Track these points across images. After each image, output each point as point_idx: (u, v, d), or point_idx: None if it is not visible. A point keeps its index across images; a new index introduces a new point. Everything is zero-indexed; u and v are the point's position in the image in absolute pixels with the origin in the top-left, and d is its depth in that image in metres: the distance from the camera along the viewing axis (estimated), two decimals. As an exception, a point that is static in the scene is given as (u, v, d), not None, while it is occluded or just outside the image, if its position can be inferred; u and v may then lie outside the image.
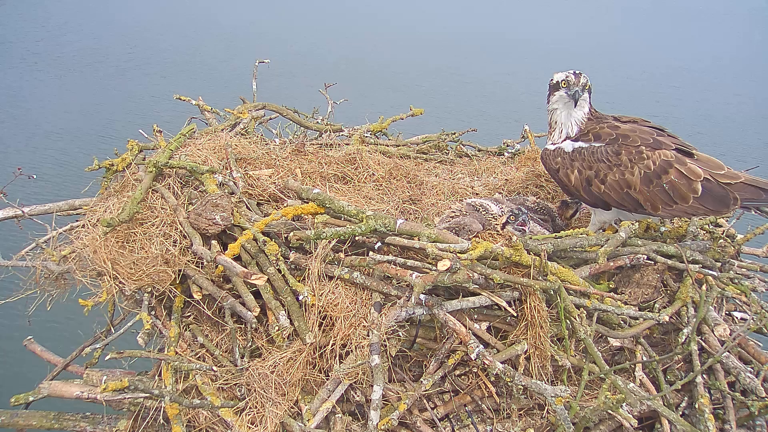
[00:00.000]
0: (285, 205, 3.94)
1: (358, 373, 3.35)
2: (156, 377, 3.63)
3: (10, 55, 17.69)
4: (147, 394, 3.38)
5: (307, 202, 3.84)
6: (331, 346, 3.42)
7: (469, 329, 3.36)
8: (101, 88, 15.94)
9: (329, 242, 3.57)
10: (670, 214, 3.61)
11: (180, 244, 3.72)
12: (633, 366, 3.63)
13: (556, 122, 3.82)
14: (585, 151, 3.62)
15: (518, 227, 3.75)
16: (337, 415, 3.43)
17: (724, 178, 3.53)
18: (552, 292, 3.35)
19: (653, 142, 3.59)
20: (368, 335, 3.32)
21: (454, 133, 5.87)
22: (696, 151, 3.67)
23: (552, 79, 3.77)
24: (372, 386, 3.18)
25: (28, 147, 12.84)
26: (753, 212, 3.69)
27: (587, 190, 3.64)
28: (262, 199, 4.17)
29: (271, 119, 5.62)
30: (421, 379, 3.46)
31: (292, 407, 3.43)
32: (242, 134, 5.00)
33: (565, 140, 3.74)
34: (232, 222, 3.74)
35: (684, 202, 3.49)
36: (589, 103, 3.78)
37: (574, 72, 3.66)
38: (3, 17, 21.46)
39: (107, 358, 3.35)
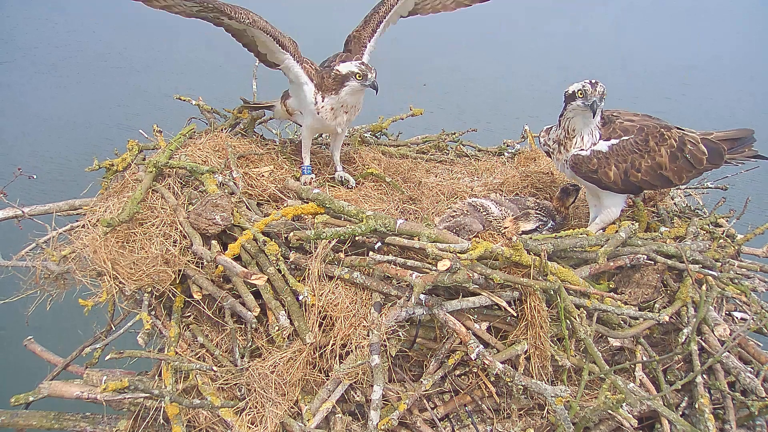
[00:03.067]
0: (285, 205, 3.95)
1: (358, 373, 3.35)
2: (156, 377, 3.63)
3: (9, 56, 17.69)
4: (147, 394, 3.38)
5: (307, 202, 3.85)
6: (331, 346, 3.42)
7: (469, 329, 3.36)
8: (101, 88, 15.92)
9: (329, 242, 3.57)
10: (689, 178, 4.01)
11: (180, 244, 3.72)
12: (633, 366, 3.63)
13: (574, 130, 3.84)
14: (617, 147, 3.82)
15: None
16: (337, 415, 3.43)
17: (708, 136, 4.00)
18: (552, 292, 3.35)
19: (664, 125, 3.91)
20: (368, 335, 3.32)
21: (454, 133, 5.87)
22: None
23: (567, 90, 3.79)
24: (372, 386, 3.18)
25: (28, 147, 12.84)
26: (734, 164, 4.17)
27: (625, 181, 3.84)
28: (262, 199, 4.17)
29: (270, 119, 5.61)
30: (421, 379, 3.46)
31: (292, 407, 3.43)
32: (242, 134, 5.00)
33: (596, 143, 3.84)
34: (232, 222, 3.74)
35: (700, 165, 3.91)
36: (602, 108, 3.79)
37: (590, 81, 3.68)
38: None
39: (107, 358, 3.35)
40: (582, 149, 3.85)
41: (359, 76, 4.18)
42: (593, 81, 3.69)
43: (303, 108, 4.52)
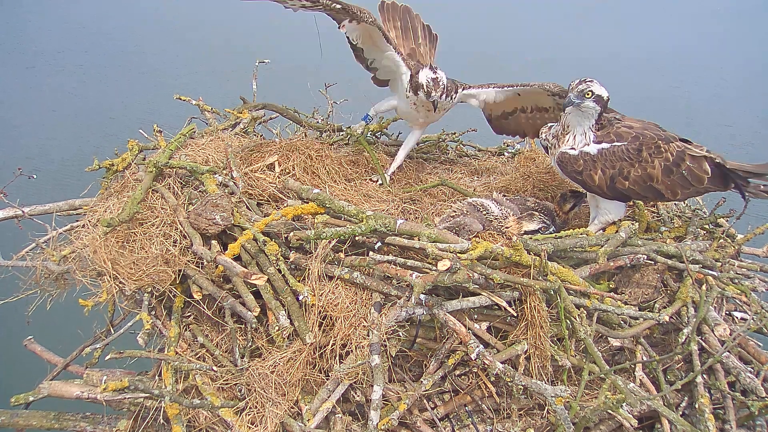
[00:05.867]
0: (285, 205, 3.95)
1: (358, 373, 3.35)
2: (156, 377, 3.64)
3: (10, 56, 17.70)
4: (147, 394, 3.38)
5: (307, 202, 3.84)
6: (331, 346, 3.42)
7: (469, 329, 3.36)
8: (100, 88, 15.93)
9: (329, 242, 3.57)
10: (687, 196, 3.90)
11: (180, 244, 3.72)
12: (633, 366, 3.63)
13: (569, 126, 3.84)
14: (607, 152, 3.75)
15: None
16: (337, 415, 3.43)
17: (717, 158, 3.83)
18: (552, 292, 3.35)
19: (664, 137, 3.80)
20: (368, 335, 3.32)
21: (455, 133, 5.86)
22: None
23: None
24: (372, 386, 3.18)
25: (28, 147, 12.84)
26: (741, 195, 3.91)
27: (611, 187, 3.78)
28: (262, 199, 4.17)
29: (271, 119, 5.61)
30: (421, 379, 3.46)
31: (292, 407, 3.43)
32: (242, 134, 5.00)
33: (588, 144, 3.81)
34: (232, 222, 3.74)
35: (699, 183, 3.78)
36: (600, 110, 3.76)
37: (582, 79, 3.68)
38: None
39: (107, 358, 3.35)
40: (572, 147, 3.85)
41: (425, 91, 4.30)
42: (586, 79, 3.68)
43: (396, 90, 4.76)
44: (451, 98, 4.45)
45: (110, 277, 3.58)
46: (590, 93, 3.65)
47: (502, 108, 4.86)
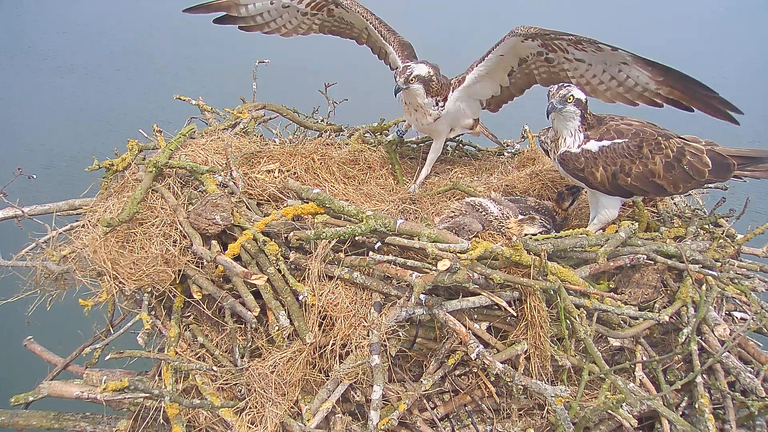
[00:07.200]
0: (285, 205, 3.95)
1: (358, 373, 3.35)
2: (156, 377, 3.64)
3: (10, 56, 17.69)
4: (147, 394, 3.38)
5: (307, 202, 3.84)
6: (331, 346, 3.42)
7: (469, 329, 3.36)
8: (100, 87, 15.93)
9: (329, 242, 3.57)
10: (689, 189, 3.99)
11: (180, 244, 3.72)
12: (633, 366, 3.63)
13: (557, 131, 3.86)
14: (608, 149, 3.78)
15: None
16: (337, 415, 3.43)
17: (715, 148, 3.93)
18: (552, 292, 3.35)
19: (664, 133, 3.85)
20: (368, 335, 3.32)
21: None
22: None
23: None
24: (372, 386, 3.18)
25: (28, 146, 12.85)
26: (742, 180, 4.01)
27: (613, 183, 3.81)
28: (262, 199, 4.17)
29: (271, 119, 5.61)
30: (421, 379, 3.46)
31: (292, 407, 3.43)
32: (242, 134, 4.99)
33: (582, 144, 3.83)
34: (232, 222, 3.74)
35: (701, 177, 3.83)
36: (581, 112, 3.77)
37: (559, 85, 3.71)
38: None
39: (107, 358, 3.35)
40: (578, 147, 3.86)
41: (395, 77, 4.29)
42: (565, 84, 3.71)
43: None
44: (434, 99, 4.41)
45: (110, 277, 3.58)
46: (571, 97, 3.68)
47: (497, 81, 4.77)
